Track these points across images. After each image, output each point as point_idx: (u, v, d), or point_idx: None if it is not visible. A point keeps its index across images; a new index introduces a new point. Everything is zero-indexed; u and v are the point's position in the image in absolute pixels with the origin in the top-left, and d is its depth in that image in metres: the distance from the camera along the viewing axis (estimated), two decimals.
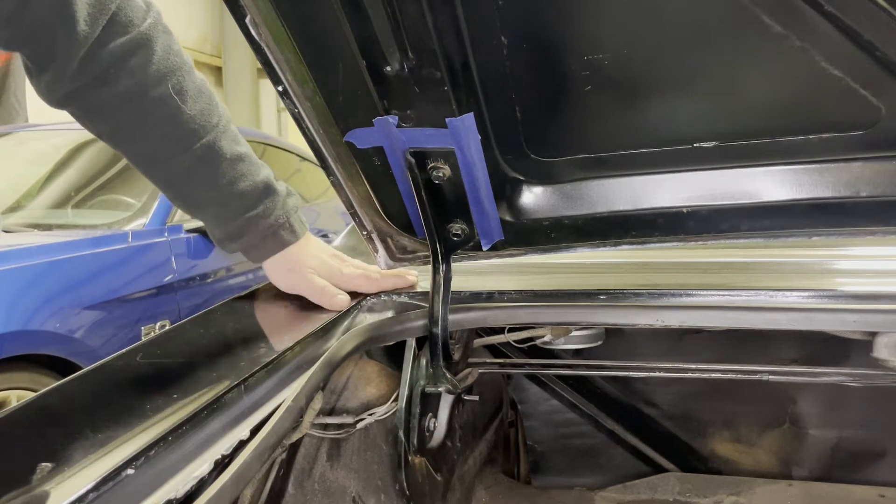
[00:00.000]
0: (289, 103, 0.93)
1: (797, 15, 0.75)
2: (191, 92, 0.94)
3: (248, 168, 1.00)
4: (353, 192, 1.06)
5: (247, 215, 0.99)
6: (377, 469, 1.11)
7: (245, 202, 0.99)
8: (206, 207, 1.00)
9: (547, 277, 1.22)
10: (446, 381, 1.07)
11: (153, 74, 0.91)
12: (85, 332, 2.59)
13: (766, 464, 1.57)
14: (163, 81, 0.92)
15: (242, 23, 0.83)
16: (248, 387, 0.76)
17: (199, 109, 0.95)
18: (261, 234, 1.01)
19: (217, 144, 0.96)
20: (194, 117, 0.94)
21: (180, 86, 0.93)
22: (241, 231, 1.00)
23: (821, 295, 1.00)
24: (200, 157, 0.95)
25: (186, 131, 0.93)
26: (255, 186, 1.00)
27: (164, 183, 1.00)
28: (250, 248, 1.03)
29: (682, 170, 0.98)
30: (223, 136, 0.97)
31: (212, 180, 0.97)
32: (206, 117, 0.95)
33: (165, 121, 0.92)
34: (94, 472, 0.56)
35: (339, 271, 1.07)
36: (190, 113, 0.94)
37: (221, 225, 1.01)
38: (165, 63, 0.92)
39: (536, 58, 0.87)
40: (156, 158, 0.96)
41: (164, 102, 0.92)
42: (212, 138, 0.95)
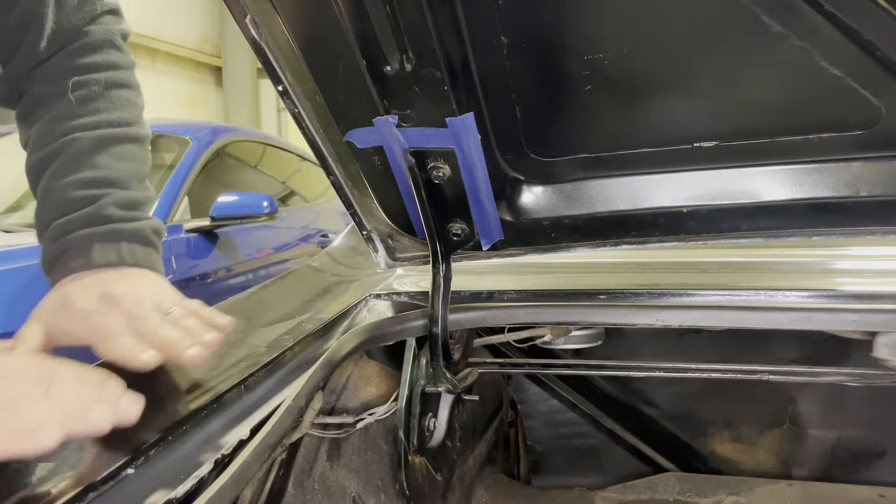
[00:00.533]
0: (289, 103, 0.93)
1: (797, 15, 0.75)
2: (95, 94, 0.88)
3: (94, 177, 0.83)
4: (353, 192, 1.06)
5: (54, 223, 0.81)
6: (377, 469, 1.11)
7: (59, 209, 0.81)
8: (38, 205, 0.85)
9: (547, 277, 1.22)
10: (446, 380, 1.07)
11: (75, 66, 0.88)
12: None
13: (766, 464, 1.57)
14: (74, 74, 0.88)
15: (242, 23, 0.83)
16: (248, 387, 0.76)
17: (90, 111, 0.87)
18: (52, 251, 0.81)
19: (80, 146, 0.85)
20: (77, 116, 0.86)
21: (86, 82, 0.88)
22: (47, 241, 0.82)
23: (821, 295, 1.00)
24: (60, 152, 0.84)
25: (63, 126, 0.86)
26: (84, 197, 0.81)
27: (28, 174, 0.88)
28: (48, 265, 0.82)
29: (682, 170, 0.98)
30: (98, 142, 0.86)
31: (52, 177, 0.83)
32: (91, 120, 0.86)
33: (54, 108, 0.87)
34: (94, 472, 0.56)
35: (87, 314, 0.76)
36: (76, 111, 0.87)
37: (38, 232, 0.84)
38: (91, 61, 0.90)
39: (536, 58, 0.87)
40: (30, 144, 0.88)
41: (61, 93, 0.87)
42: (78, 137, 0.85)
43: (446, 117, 0.90)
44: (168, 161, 3.50)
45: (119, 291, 0.77)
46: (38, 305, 0.79)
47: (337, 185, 1.05)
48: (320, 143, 0.98)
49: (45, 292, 0.84)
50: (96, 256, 0.78)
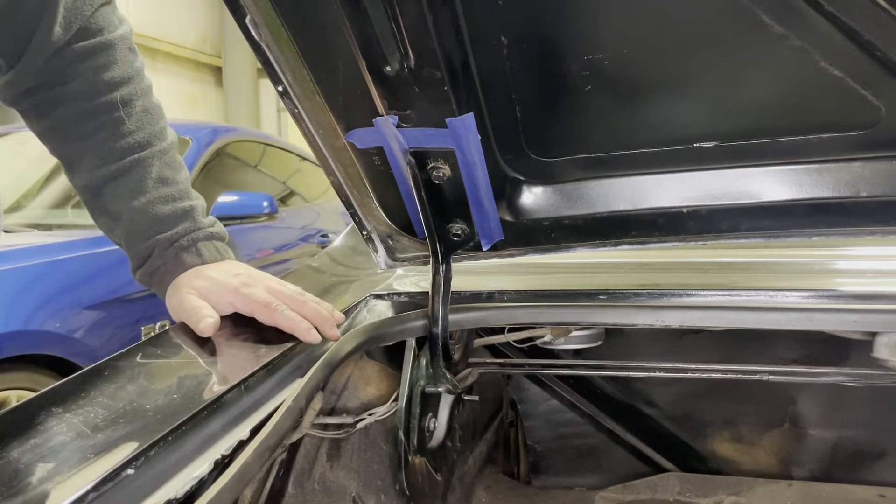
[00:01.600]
0: (289, 103, 0.93)
1: (797, 15, 0.75)
2: (138, 108, 0.96)
3: (171, 192, 0.96)
4: (353, 192, 1.06)
5: (157, 237, 0.95)
6: (377, 469, 1.11)
7: (158, 224, 0.95)
8: (119, 222, 0.96)
9: (547, 277, 1.22)
10: (446, 381, 1.07)
11: (106, 81, 0.94)
12: (85, 332, 2.59)
13: (766, 464, 1.57)
14: (113, 90, 0.94)
15: (242, 23, 0.83)
16: (248, 387, 0.76)
17: (140, 126, 0.96)
18: (165, 255, 0.95)
19: (147, 164, 0.95)
20: (133, 132, 0.95)
21: (129, 98, 0.95)
22: (148, 252, 0.96)
23: (821, 295, 1.00)
24: (127, 171, 0.94)
25: (123, 143, 0.94)
26: (174, 210, 0.96)
27: (85, 188, 0.97)
28: (154, 272, 0.96)
29: (682, 170, 0.98)
30: (157, 159, 0.96)
31: (131, 195, 0.94)
32: (145, 135, 0.96)
33: (105, 126, 0.94)
34: (94, 472, 0.56)
35: (236, 289, 0.92)
36: (129, 127, 0.95)
37: (132, 244, 0.97)
38: (121, 74, 0.95)
39: (536, 58, 0.87)
40: (84, 161, 0.95)
41: (108, 110, 0.94)
42: (144, 156, 0.95)
43: (446, 117, 0.90)
44: None
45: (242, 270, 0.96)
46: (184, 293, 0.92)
47: (337, 185, 1.05)
48: (320, 143, 0.98)
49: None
50: (205, 254, 0.97)
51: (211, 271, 0.95)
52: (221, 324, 0.91)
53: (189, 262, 0.95)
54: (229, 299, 0.92)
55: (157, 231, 0.95)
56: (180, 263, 0.95)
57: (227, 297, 0.92)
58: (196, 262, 0.96)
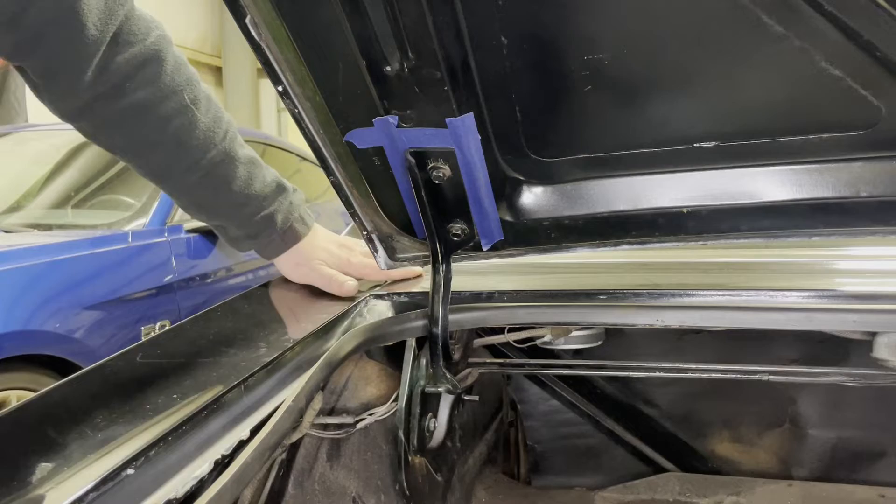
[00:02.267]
0: (289, 103, 0.93)
1: (797, 15, 0.75)
2: (202, 101, 0.99)
3: (258, 170, 1.05)
4: (353, 192, 1.06)
5: (262, 214, 1.04)
6: (377, 469, 1.11)
7: (260, 202, 1.04)
8: (222, 211, 1.04)
9: (547, 277, 1.22)
10: (446, 381, 1.07)
11: (168, 85, 0.95)
12: (85, 332, 2.59)
13: (766, 464, 1.57)
14: (178, 92, 0.96)
15: (242, 23, 0.83)
16: (248, 387, 0.76)
17: (212, 117, 0.99)
18: (277, 230, 1.07)
19: (230, 149, 1.00)
20: (209, 126, 0.98)
21: (194, 95, 0.98)
22: (258, 230, 1.06)
23: (821, 295, 1.00)
24: (216, 164, 0.99)
25: (202, 140, 0.97)
26: (269, 186, 1.05)
27: (180, 192, 1.03)
28: (266, 245, 1.08)
29: (682, 170, 0.98)
30: (234, 141, 1.01)
31: (228, 184, 1.01)
32: (218, 124, 0.99)
33: (182, 130, 0.96)
34: (94, 472, 0.56)
35: (347, 260, 1.13)
36: (204, 122, 0.97)
37: (240, 226, 1.06)
38: (178, 74, 0.97)
39: (536, 58, 0.87)
40: (173, 168, 0.99)
41: (181, 112, 0.95)
42: (225, 145, 0.99)
43: (446, 117, 0.90)
44: None
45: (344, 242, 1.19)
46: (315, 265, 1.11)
47: (337, 185, 1.05)
48: (320, 143, 0.98)
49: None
50: (308, 221, 1.13)
51: (322, 242, 1.13)
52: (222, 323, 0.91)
53: (301, 232, 1.11)
54: (345, 269, 1.12)
55: (263, 206, 1.05)
56: (294, 234, 1.09)
57: (343, 267, 1.12)
58: (305, 230, 1.12)
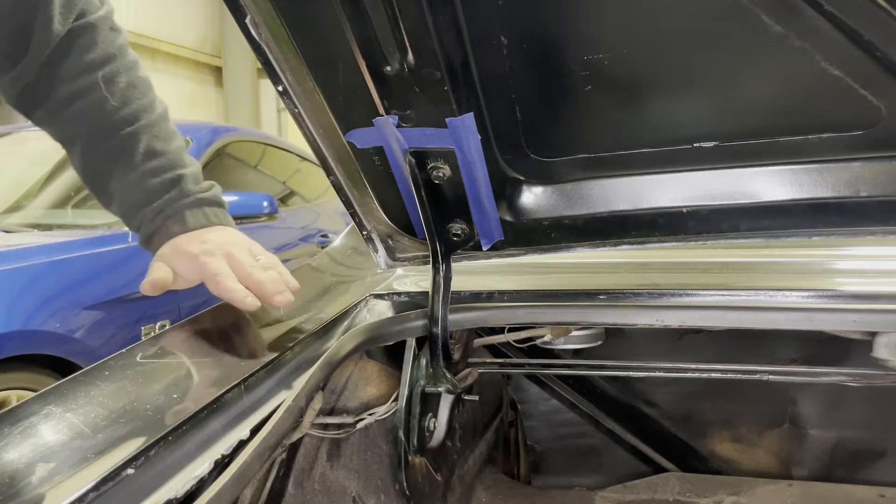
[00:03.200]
0: (289, 103, 0.93)
1: (797, 15, 0.75)
2: (121, 84, 0.98)
3: (159, 164, 0.98)
4: (353, 192, 1.06)
5: (147, 208, 0.98)
6: (377, 469, 1.11)
7: (148, 195, 0.98)
8: (115, 198, 1.00)
9: (547, 277, 1.22)
10: (446, 381, 1.07)
11: (88, 62, 0.96)
12: (85, 332, 2.59)
13: (766, 464, 1.57)
14: (96, 69, 0.96)
15: (242, 23, 0.83)
16: (248, 387, 0.76)
17: (126, 102, 0.97)
18: (154, 225, 0.98)
19: (136, 138, 0.97)
20: (118, 109, 0.97)
21: (111, 76, 0.97)
22: (138, 224, 1.00)
23: (821, 295, 1.00)
24: (118, 148, 0.97)
25: (110, 121, 0.96)
26: (163, 181, 0.98)
27: (82, 169, 1.01)
28: (148, 240, 1.00)
29: (682, 170, 0.98)
30: (145, 133, 0.98)
31: (124, 171, 0.97)
32: (132, 111, 0.98)
33: (91, 107, 0.96)
34: (94, 472, 0.56)
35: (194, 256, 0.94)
36: (114, 104, 0.97)
37: (128, 217, 1.01)
38: (102, 52, 0.97)
39: (536, 58, 0.87)
40: (77, 143, 0.98)
41: (91, 89, 0.96)
42: (132, 131, 0.97)
43: (446, 117, 0.90)
44: None
45: (214, 238, 0.97)
46: (154, 259, 0.96)
47: (337, 185, 1.05)
48: (320, 143, 0.98)
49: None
50: (190, 221, 0.97)
51: (181, 239, 0.97)
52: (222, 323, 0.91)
53: (173, 231, 0.97)
54: (188, 266, 0.94)
55: (147, 202, 0.98)
56: (165, 232, 0.97)
57: (186, 265, 0.94)
58: (179, 230, 0.97)
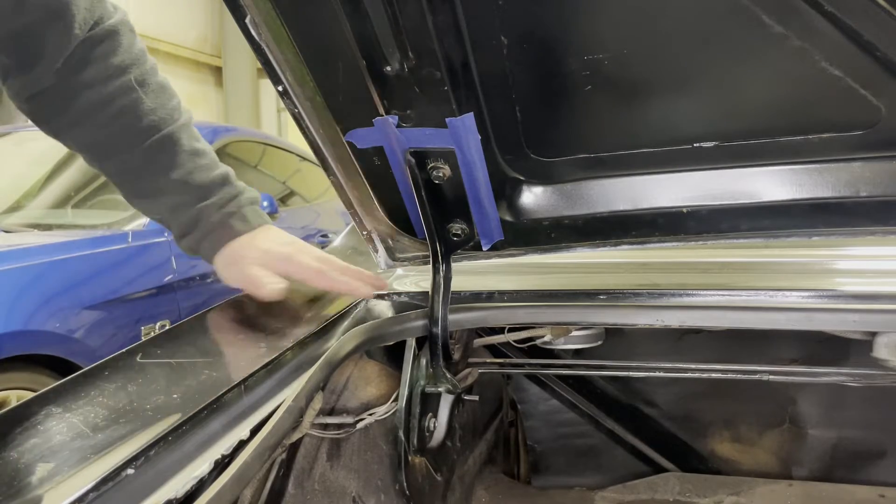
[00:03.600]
0: (289, 103, 0.93)
1: (797, 15, 0.75)
2: (152, 86, 0.98)
3: (205, 162, 1.00)
4: (353, 192, 1.06)
5: (201, 204, 0.98)
6: (377, 469, 1.11)
7: (201, 192, 0.99)
8: (160, 198, 1.00)
9: (547, 277, 1.22)
10: (446, 381, 1.07)
11: (117, 65, 0.95)
12: (85, 332, 2.59)
13: (766, 464, 1.57)
14: (125, 72, 0.95)
15: (242, 23, 0.83)
16: (248, 387, 0.76)
17: (160, 103, 0.98)
18: (213, 223, 0.99)
19: (175, 136, 0.98)
20: (155, 109, 0.97)
21: (142, 77, 0.97)
22: (195, 221, 0.99)
23: (821, 295, 1.00)
24: (158, 148, 0.97)
25: (146, 122, 0.96)
26: (213, 179, 1.00)
27: (119, 173, 1.00)
28: (203, 238, 1.00)
29: (682, 170, 0.98)
30: (182, 130, 0.99)
31: (168, 170, 0.97)
32: (167, 111, 0.98)
33: (126, 109, 0.95)
34: (94, 472, 0.56)
35: (289, 257, 1.00)
36: (150, 105, 0.96)
37: (176, 216, 1.00)
38: (129, 55, 0.96)
39: (536, 58, 0.87)
40: (112, 147, 0.98)
41: (125, 92, 0.95)
42: (171, 130, 0.97)
43: (446, 117, 0.90)
44: None
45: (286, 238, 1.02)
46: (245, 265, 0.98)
47: (337, 185, 1.05)
48: (320, 143, 0.98)
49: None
50: (252, 219, 1.01)
51: (262, 242, 1.00)
52: (222, 323, 0.91)
53: (238, 229, 0.99)
54: (285, 268, 0.99)
55: (201, 198, 0.98)
56: (229, 229, 0.99)
57: (282, 266, 0.99)
58: (244, 228, 1.00)
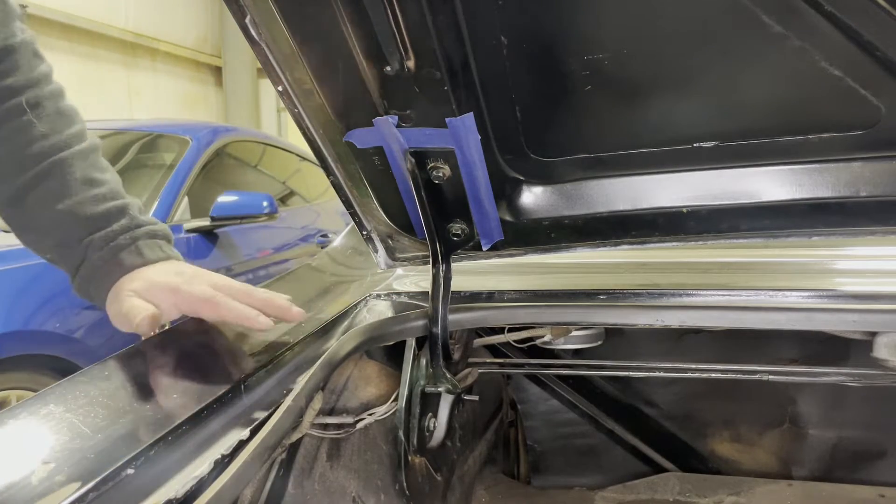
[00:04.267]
0: (289, 103, 0.93)
1: (797, 15, 0.75)
2: (48, 109, 0.89)
3: (100, 192, 0.89)
4: (353, 192, 1.06)
5: (87, 238, 0.86)
6: (377, 469, 1.11)
7: (88, 225, 0.87)
8: (47, 233, 0.88)
9: (547, 277, 1.22)
10: (446, 381, 1.07)
11: (8, 85, 0.87)
12: (85, 332, 2.59)
13: (766, 464, 1.57)
14: (18, 94, 0.88)
15: (242, 23, 0.83)
16: (248, 387, 0.76)
17: (55, 129, 0.89)
18: (99, 258, 0.87)
19: (69, 165, 0.87)
20: (47, 135, 0.88)
21: (36, 101, 0.88)
22: (80, 258, 0.87)
23: (821, 295, 1.00)
24: (48, 175, 0.87)
25: (36, 148, 0.87)
26: (105, 210, 0.88)
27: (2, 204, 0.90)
28: (90, 278, 0.87)
29: (682, 170, 0.98)
30: (79, 160, 0.89)
31: (55, 200, 0.86)
32: (63, 137, 0.89)
33: (15, 132, 0.87)
34: (94, 472, 0.56)
35: (175, 288, 0.86)
36: (42, 130, 0.87)
37: (62, 254, 0.88)
38: (25, 78, 0.89)
39: (536, 58, 0.87)
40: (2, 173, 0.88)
41: (16, 114, 0.87)
42: (64, 157, 0.87)
43: (446, 117, 0.90)
44: (168, 161, 3.50)
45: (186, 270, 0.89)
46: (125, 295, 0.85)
47: (337, 185, 1.05)
48: (320, 143, 0.98)
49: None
50: (147, 254, 0.88)
51: (150, 272, 0.87)
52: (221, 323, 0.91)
53: (129, 263, 0.87)
54: (172, 300, 0.85)
55: (90, 231, 0.87)
56: (119, 264, 0.86)
57: (169, 298, 0.85)
58: (137, 261, 0.87)
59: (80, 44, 8.29)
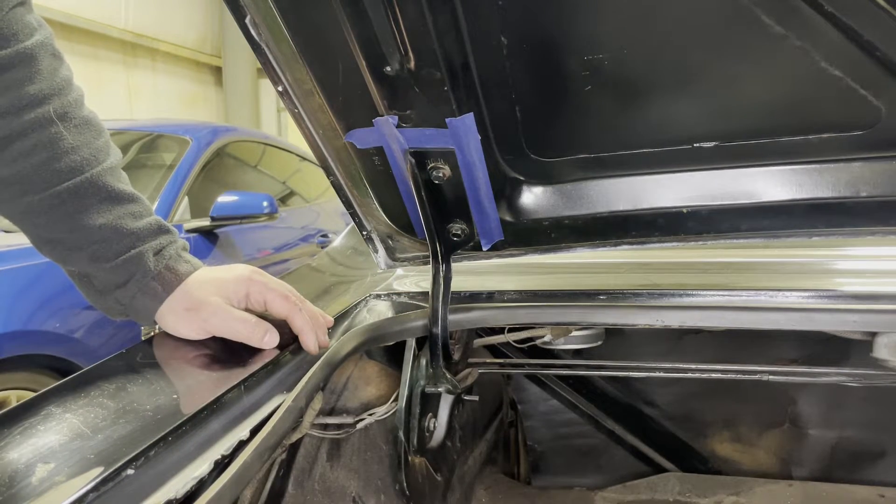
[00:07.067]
0: (289, 103, 0.93)
1: (797, 15, 0.75)
2: (76, 121, 0.84)
3: (139, 209, 0.87)
4: (353, 192, 1.06)
5: (135, 250, 0.85)
6: (377, 469, 1.11)
7: (129, 240, 0.85)
8: (81, 247, 0.85)
9: (547, 277, 1.22)
10: (446, 381, 1.07)
11: (32, 94, 0.81)
12: (85, 332, 2.59)
13: (766, 464, 1.57)
14: (43, 103, 0.82)
15: (242, 23, 0.83)
16: (248, 387, 0.76)
17: (84, 141, 0.84)
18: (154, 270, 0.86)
19: (101, 181, 0.85)
20: (77, 148, 0.83)
21: (64, 111, 0.84)
22: (127, 270, 0.85)
23: (821, 295, 1.00)
24: (78, 192, 0.83)
25: (67, 162, 0.83)
26: (149, 225, 0.87)
27: (25, 216, 0.85)
28: (139, 291, 0.86)
29: (682, 170, 0.98)
30: (109, 174, 0.86)
31: (91, 217, 0.84)
32: (91, 151, 0.85)
33: (41, 145, 0.82)
34: (93, 472, 0.56)
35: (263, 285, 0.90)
36: (71, 143, 0.83)
37: (100, 267, 0.85)
38: (48, 85, 0.83)
39: (536, 58, 0.87)
40: (20, 187, 0.82)
41: (42, 126, 0.81)
42: (96, 174, 0.84)
43: (446, 117, 0.90)
44: (168, 161, 3.51)
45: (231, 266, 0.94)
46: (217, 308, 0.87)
47: (337, 185, 1.05)
48: (320, 143, 0.98)
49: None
50: (195, 262, 0.92)
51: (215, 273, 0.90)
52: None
53: (183, 270, 0.88)
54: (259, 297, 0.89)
55: (134, 244, 0.85)
56: (173, 274, 0.87)
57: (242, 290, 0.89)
58: (189, 269, 0.89)
59: (79, 44, 8.29)
